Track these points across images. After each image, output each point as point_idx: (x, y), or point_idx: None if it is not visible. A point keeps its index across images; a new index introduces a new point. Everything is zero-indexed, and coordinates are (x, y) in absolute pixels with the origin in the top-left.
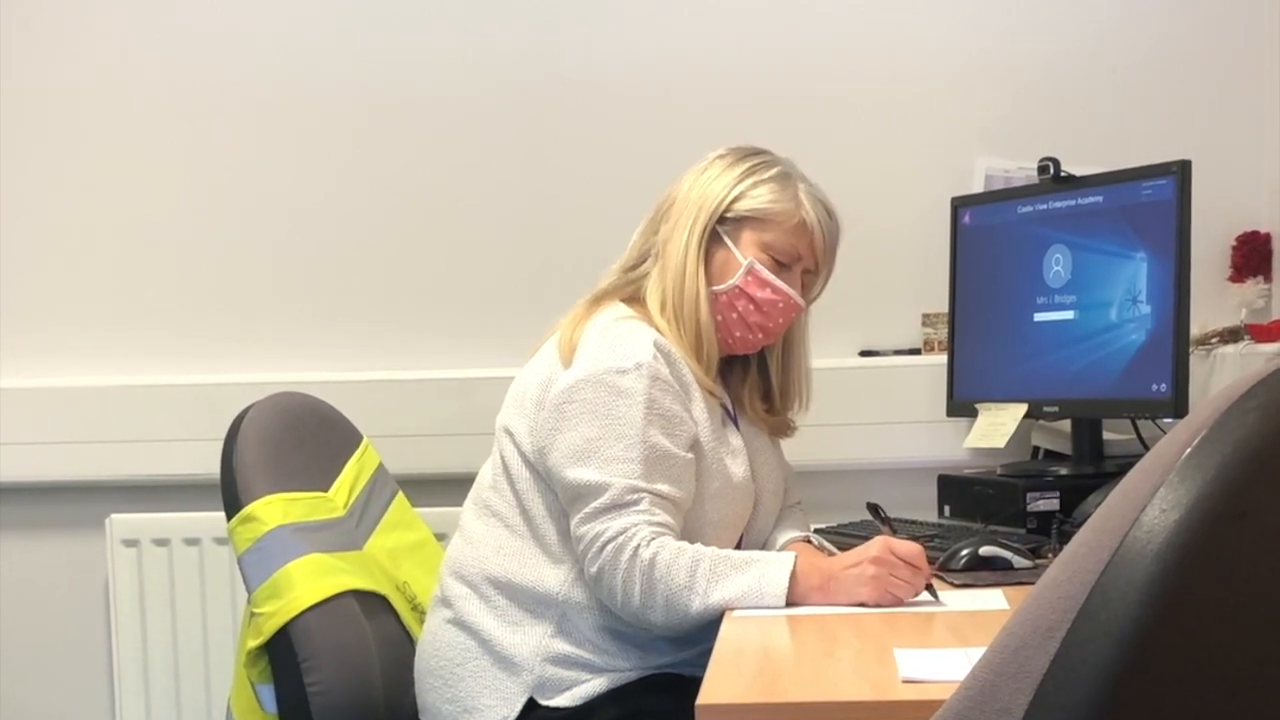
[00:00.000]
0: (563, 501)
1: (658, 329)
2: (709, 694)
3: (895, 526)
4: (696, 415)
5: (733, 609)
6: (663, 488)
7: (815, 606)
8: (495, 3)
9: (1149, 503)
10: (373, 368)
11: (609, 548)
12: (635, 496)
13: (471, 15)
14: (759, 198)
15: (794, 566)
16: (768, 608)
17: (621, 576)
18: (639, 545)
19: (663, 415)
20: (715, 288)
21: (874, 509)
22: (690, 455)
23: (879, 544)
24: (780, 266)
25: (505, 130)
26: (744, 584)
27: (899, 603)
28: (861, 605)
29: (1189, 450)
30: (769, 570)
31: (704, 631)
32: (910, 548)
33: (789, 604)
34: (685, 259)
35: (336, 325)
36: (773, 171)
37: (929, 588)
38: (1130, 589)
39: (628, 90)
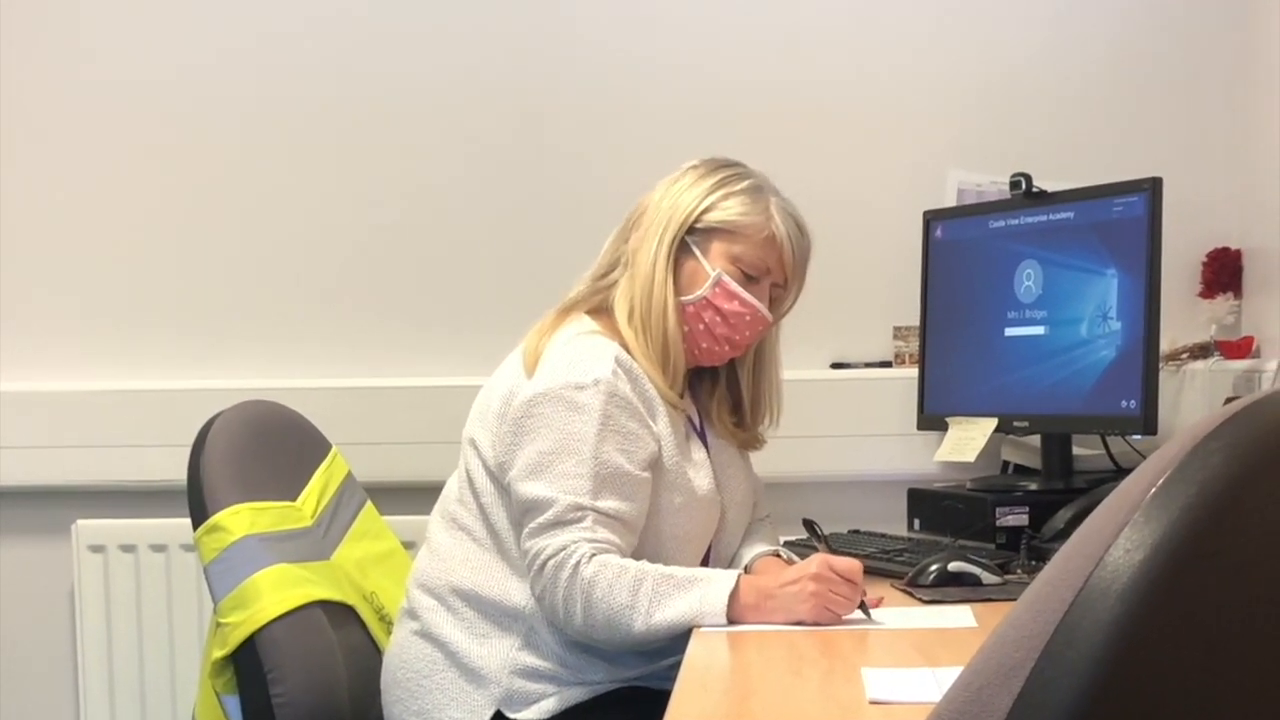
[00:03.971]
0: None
1: (624, 338)
2: (676, 712)
3: (831, 543)
4: (659, 430)
5: (675, 630)
6: (610, 505)
7: (752, 625)
8: (472, 19)
9: (1114, 542)
10: (341, 375)
11: (549, 565)
12: (579, 514)
13: (446, 36)
14: (729, 209)
15: (735, 585)
16: (710, 626)
17: (562, 595)
18: (579, 563)
19: (619, 432)
20: (683, 298)
21: (809, 525)
22: (647, 474)
23: (818, 561)
24: (749, 279)
25: (478, 144)
26: (686, 604)
27: (837, 619)
28: (800, 623)
29: (1154, 490)
30: (710, 590)
31: (673, 644)
32: (848, 564)
33: (730, 622)
34: (654, 268)
35: (305, 333)
36: (744, 184)
37: (862, 605)
38: (1094, 629)
39: (601, 104)
